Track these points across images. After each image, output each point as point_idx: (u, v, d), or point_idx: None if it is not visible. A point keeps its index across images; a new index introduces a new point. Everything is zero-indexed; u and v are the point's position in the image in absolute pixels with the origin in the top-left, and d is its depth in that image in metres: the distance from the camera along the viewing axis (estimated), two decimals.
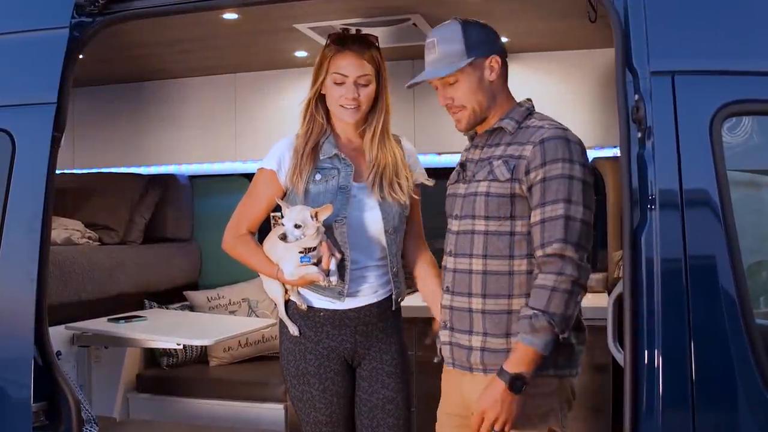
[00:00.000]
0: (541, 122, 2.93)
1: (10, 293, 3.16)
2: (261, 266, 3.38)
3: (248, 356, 5.55)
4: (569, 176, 2.80)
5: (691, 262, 2.61)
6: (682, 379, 2.60)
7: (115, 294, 5.04)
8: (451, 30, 2.97)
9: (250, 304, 5.66)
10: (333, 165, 3.30)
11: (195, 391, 5.22)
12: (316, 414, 3.31)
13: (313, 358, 3.29)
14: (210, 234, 6.05)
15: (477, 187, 2.93)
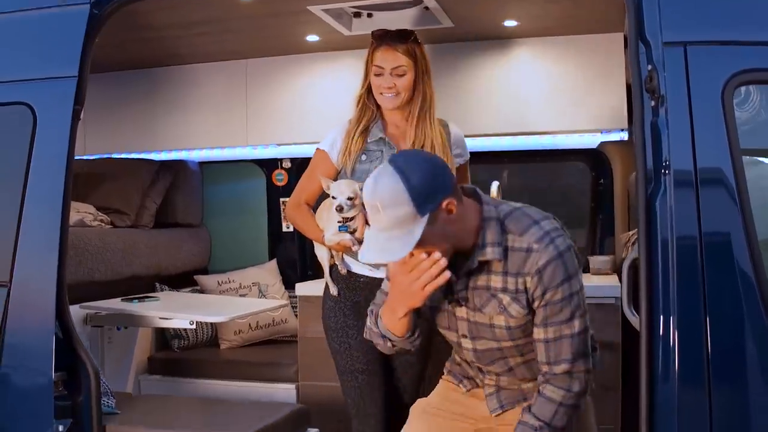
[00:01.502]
0: (522, 238, 2.79)
1: (32, 265, 3.21)
2: (311, 232, 3.75)
3: (259, 339, 5.61)
4: (570, 295, 2.78)
5: (705, 226, 2.67)
6: (697, 342, 2.64)
7: (127, 276, 5.09)
8: (393, 191, 2.64)
9: (260, 288, 5.71)
10: (378, 147, 3.68)
11: (206, 372, 5.28)
12: (353, 363, 3.64)
13: (351, 313, 3.67)
14: (220, 220, 6.14)
15: (491, 319, 2.89)
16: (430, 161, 2.76)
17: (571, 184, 5.74)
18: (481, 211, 2.81)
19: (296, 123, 5.41)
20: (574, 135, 5.32)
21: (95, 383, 3.26)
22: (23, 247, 3.21)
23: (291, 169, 5.94)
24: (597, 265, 5.12)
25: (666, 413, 2.67)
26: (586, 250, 5.51)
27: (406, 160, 2.70)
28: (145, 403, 4.26)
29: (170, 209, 5.77)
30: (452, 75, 5.06)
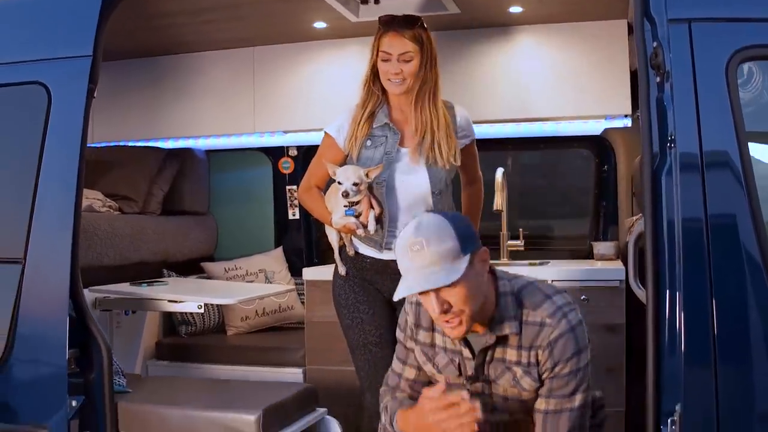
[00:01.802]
0: (536, 312, 2.87)
1: (46, 242, 3.23)
2: (320, 214, 3.91)
3: (265, 325, 5.67)
4: (577, 369, 2.85)
5: (710, 199, 2.71)
6: (703, 316, 2.67)
7: (135, 261, 5.13)
8: (439, 226, 2.74)
9: (266, 275, 5.76)
10: (383, 132, 3.77)
11: (213, 357, 5.32)
12: (365, 336, 3.76)
13: (361, 290, 3.81)
14: (226, 208, 6.18)
15: (505, 392, 2.96)
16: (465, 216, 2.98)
17: (575, 170, 5.80)
18: (496, 286, 2.89)
19: (304, 110, 5.44)
20: (578, 122, 5.35)
21: (107, 361, 3.29)
22: (37, 225, 3.24)
23: (297, 157, 6.00)
24: (601, 251, 5.16)
25: (672, 387, 2.70)
26: (590, 236, 5.56)
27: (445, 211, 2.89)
28: (155, 383, 4.32)
29: (177, 197, 5.81)
30: (458, 61, 5.10)
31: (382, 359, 3.67)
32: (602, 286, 4.56)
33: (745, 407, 2.67)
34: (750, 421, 2.67)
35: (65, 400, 3.16)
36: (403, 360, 3.14)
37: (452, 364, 2.99)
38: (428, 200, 3.73)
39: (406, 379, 3.13)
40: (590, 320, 4.31)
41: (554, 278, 4.56)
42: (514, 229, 5.43)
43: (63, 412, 3.16)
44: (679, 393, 2.66)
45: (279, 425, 3.47)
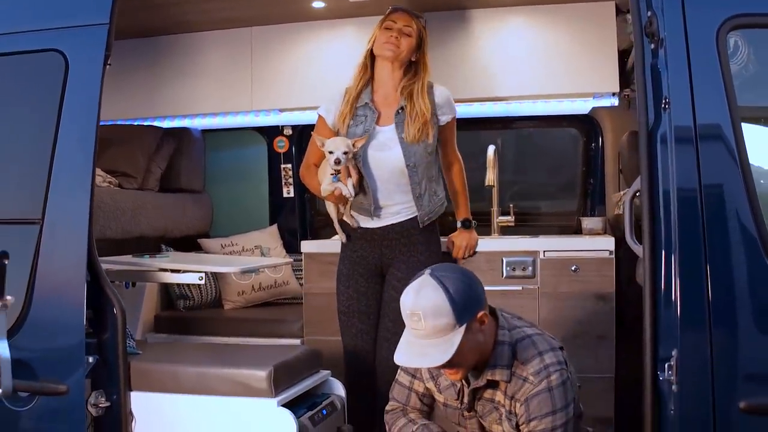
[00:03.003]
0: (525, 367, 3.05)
1: (64, 203, 3.33)
2: (315, 188, 4.32)
3: (261, 300, 5.80)
4: (552, 428, 3.00)
5: (703, 157, 2.85)
6: (697, 269, 2.82)
7: (136, 235, 5.24)
8: (436, 301, 2.91)
9: (262, 251, 5.88)
10: (364, 112, 4.18)
11: (212, 330, 5.43)
12: (339, 305, 4.30)
13: (348, 263, 4.28)
14: (222, 186, 6.30)
15: (491, 426, 3.19)
16: (467, 275, 3.05)
17: (563, 148, 5.94)
18: (496, 334, 3.08)
19: (300, 88, 5.54)
20: (567, 101, 5.50)
21: (121, 321, 3.38)
22: (55, 186, 3.32)
23: (292, 136, 6.11)
24: (589, 226, 5.30)
25: (668, 336, 2.83)
26: (578, 212, 5.71)
27: (445, 272, 2.99)
28: (163, 346, 4.44)
29: (174, 174, 5.92)
30: (448, 42, 5.21)
31: (347, 327, 4.28)
32: (592, 257, 4.70)
33: (738, 351, 2.80)
34: (743, 364, 2.80)
35: (83, 359, 3.26)
36: (412, 373, 3.32)
37: (453, 387, 3.20)
38: (404, 173, 4.13)
39: (416, 392, 3.32)
40: (581, 289, 4.52)
41: (546, 249, 4.72)
42: (504, 205, 5.58)
43: (81, 371, 3.25)
44: (675, 340, 2.80)
45: (288, 383, 3.57)
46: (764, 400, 2.77)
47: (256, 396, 3.45)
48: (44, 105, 3.40)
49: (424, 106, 4.11)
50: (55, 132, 3.36)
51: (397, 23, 4.14)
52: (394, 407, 3.34)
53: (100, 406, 3.34)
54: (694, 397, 2.78)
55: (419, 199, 4.16)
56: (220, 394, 3.50)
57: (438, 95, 4.21)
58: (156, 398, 3.54)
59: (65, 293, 3.33)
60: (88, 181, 3.33)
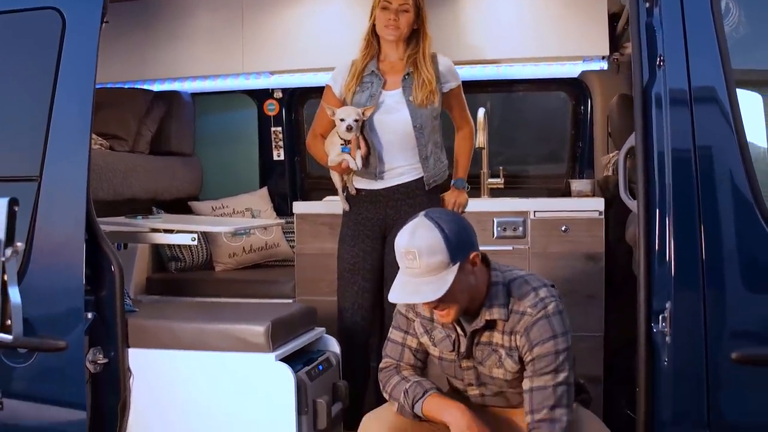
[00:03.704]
0: (521, 302, 3.12)
1: (62, 160, 3.35)
2: (321, 158, 4.40)
3: (252, 262, 5.82)
4: (555, 352, 3.06)
5: (697, 111, 2.90)
6: (691, 227, 2.87)
7: (128, 197, 5.24)
8: (430, 239, 2.97)
9: (253, 213, 5.90)
10: (370, 79, 4.29)
11: (204, 291, 5.44)
12: (343, 265, 4.34)
13: (353, 224, 4.34)
14: (212, 149, 6.30)
15: (491, 371, 3.23)
16: (461, 219, 3.15)
17: (552, 112, 5.97)
18: (489, 275, 3.14)
19: (292, 50, 5.54)
20: (556, 65, 5.54)
21: (119, 279, 3.42)
22: (53, 144, 3.35)
23: (282, 99, 6.11)
24: (578, 188, 5.35)
25: (662, 289, 2.89)
26: (567, 175, 5.75)
27: (440, 214, 3.08)
28: (160, 305, 4.48)
29: (164, 138, 5.91)
30: (438, 5, 5.20)
31: (351, 284, 4.31)
32: (582, 218, 4.76)
33: (730, 305, 2.86)
34: (735, 317, 2.87)
35: (82, 316, 3.30)
36: (404, 329, 3.36)
37: (447, 339, 3.24)
38: (411, 135, 4.23)
39: (409, 347, 3.35)
40: (571, 249, 4.58)
41: (536, 209, 4.78)
42: (494, 167, 5.62)
43: (80, 327, 3.29)
44: (668, 294, 2.85)
45: (285, 338, 3.61)
46: (756, 351, 2.83)
47: (254, 351, 3.49)
48: (42, 63, 3.41)
49: (428, 74, 4.23)
50: (52, 90, 3.38)
51: (393, 4, 4.20)
52: (388, 364, 3.37)
53: (98, 363, 3.38)
54: (687, 348, 2.84)
55: (425, 161, 4.27)
56: (217, 350, 3.54)
57: (441, 64, 4.32)
58: (154, 354, 3.57)
59: (64, 251, 3.36)
60: (85, 139, 3.35)
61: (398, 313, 3.39)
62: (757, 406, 2.88)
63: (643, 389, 2.91)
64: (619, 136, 4.46)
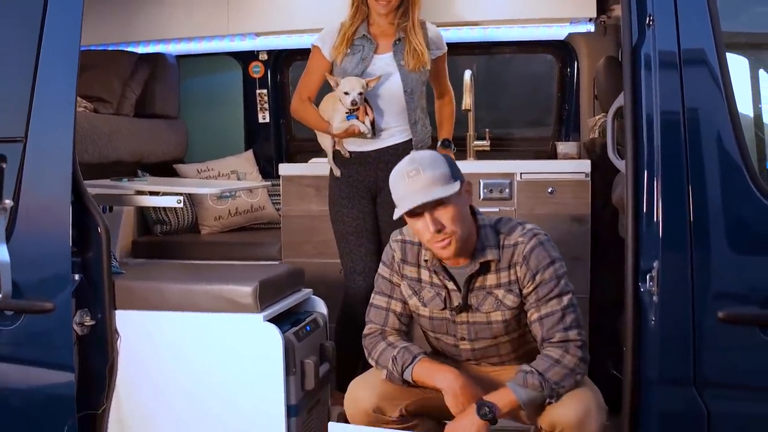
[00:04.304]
0: (510, 237, 3.20)
1: (48, 121, 3.30)
2: (316, 123, 4.40)
3: (237, 225, 5.82)
4: (556, 276, 3.16)
5: (686, 73, 2.89)
6: (679, 182, 2.87)
7: (113, 160, 5.21)
8: (432, 156, 3.10)
9: (238, 176, 5.89)
10: (361, 43, 4.28)
11: (190, 254, 5.44)
12: (345, 227, 4.34)
13: (345, 187, 4.34)
14: (196, 112, 6.27)
15: (489, 317, 3.25)
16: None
17: (539, 74, 5.98)
18: (476, 220, 3.20)
19: (278, 12, 5.54)
20: (543, 27, 5.53)
21: (106, 240, 3.40)
22: (38, 105, 3.29)
23: (267, 61, 6.09)
24: (564, 150, 5.35)
25: (650, 249, 2.89)
26: (553, 137, 5.76)
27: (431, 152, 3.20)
28: (147, 266, 4.46)
29: (149, 100, 5.88)
30: None
31: (357, 246, 4.32)
32: (568, 180, 4.77)
33: (717, 266, 2.87)
34: (722, 278, 2.88)
35: (69, 277, 3.28)
36: (388, 294, 3.37)
37: (438, 297, 3.27)
38: (401, 100, 4.28)
39: (394, 311, 3.37)
40: (557, 211, 4.61)
41: (522, 171, 4.79)
42: (480, 130, 5.61)
43: (68, 289, 3.27)
44: (656, 254, 2.86)
45: (272, 298, 3.61)
46: (742, 310, 2.85)
47: (242, 311, 3.48)
48: (26, 25, 3.35)
49: (420, 43, 4.25)
50: (37, 48, 3.33)
51: None
52: (372, 330, 3.38)
53: (85, 325, 3.37)
54: (674, 307, 2.85)
55: (414, 126, 4.32)
56: (205, 311, 3.53)
57: (430, 30, 4.35)
58: (141, 316, 3.56)
59: (50, 212, 3.32)
60: (71, 99, 3.31)
61: (380, 278, 3.40)
62: (742, 364, 2.90)
63: (630, 349, 2.92)
64: (606, 99, 4.46)
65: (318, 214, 4.87)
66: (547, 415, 3.13)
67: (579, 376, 3.15)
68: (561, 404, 3.10)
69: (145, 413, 3.57)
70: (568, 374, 3.11)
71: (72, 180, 3.30)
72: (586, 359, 3.17)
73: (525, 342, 3.31)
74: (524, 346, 3.33)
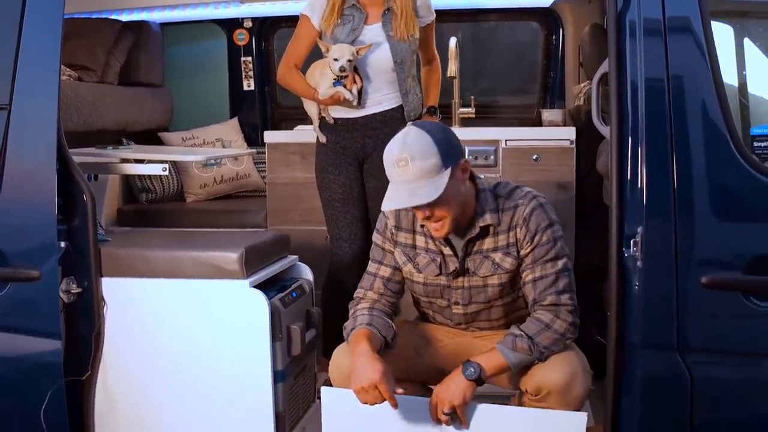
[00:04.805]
0: (510, 200, 3.20)
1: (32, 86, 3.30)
2: (303, 91, 4.35)
3: (223, 193, 5.84)
4: (554, 239, 3.17)
5: (671, 40, 2.90)
6: (663, 149, 2.88)
7: (98, 128, 5.19)
8: (422, 143, 2.99)
9: (223, 143, 5.89)
10: (351, 12, 4.25)
11: (175, 222, 5.45)
12: (331, 194, 4.34)
13: (332, 154, 4.34)
14: (181, 80, 6.25)
15: (485, 281, 3.25)
16: (447, 128, 3.16)
17: (524, 42, 6.00)
18: (476, 184, 3.19)
19: None
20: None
21: (92, 208, 3.39)
22: (22, 73, 3.29)
23: (252, 28, 6.07)
24: (549, 117, 5.36)
25: (634, 215, 2.91)
26: (538, 105, 5.77)
27: (429, 124, 3.12)
28: (133, 234, 4.43)
29: (133, 68, 5.84)
30: None
31: (343, 214, 4.33)
32: (553, 147, 4.79)
33: (701, 233, 2.89)
34: (706, 244, 2.90)
35: (55, 245, 3.29)
36: (379, 260, 3.37)
37: (433, 263, 3.26)
38: (391, 71, 4.27)
39: (381, 277, 3.36)
40: (542, 178, 4.62)
41: (508, 138, 4.80)
42: (465, 97, 5.62)
43: (54, 257, 3.27)
44: (640, 219, 2.88)
45: (258, 264, 3.61)
46: (725, 276, 2.87)
47: (228, 278, 3.49)
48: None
49: (409, 11, 4.23)
50: (21, 16, 3.31)
51: None
52: (356, 295, 3.39)
53: (72, 293, 3.37)
54: (657, 273, 2.87)
55: (405, 96, 4.32)
56: (191, 277, 3.53)
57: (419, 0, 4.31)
58: (127, 283, 3.56)
59: (36, 180, 3.32)
60: (55, 65, 3.29)
61: (374, 245, 3.41)
62: (725, 330, 2.94)
63: (614, 314, 2.94)
64: (591, 66, 4.47)
65: (303, 182, 4.87)
66: (533, 379, 3.16)
67: (568, 341, 3.18)
68: (547, 368, 3.13)
69: (132, 380, 3.58)
70: (558, 339, 3.13)
71: (57, 148, 3.29)
72: (577, 324, 3.19)
73: (517, 308, 3.33)
74: (515, 312, 3.34)
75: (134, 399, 3.59)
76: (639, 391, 2.92)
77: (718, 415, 2.94)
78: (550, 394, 3.12)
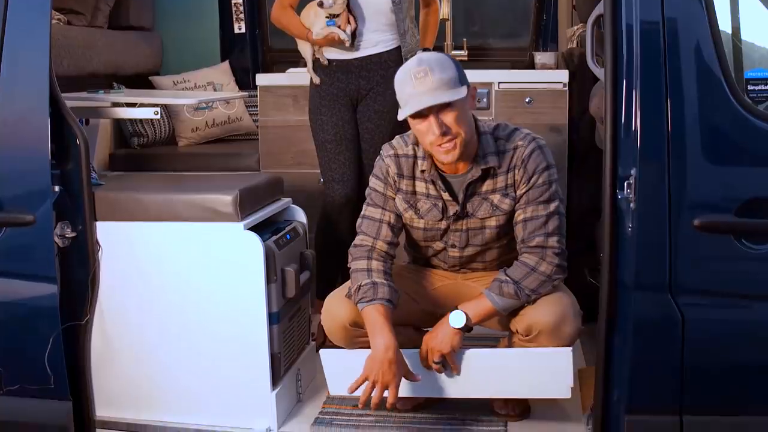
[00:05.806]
0: (509, 142, 3.26)
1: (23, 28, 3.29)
2: (297, 31, 4.32)
3: (215, 137, 5.82)
4: (549, 182, 3.23)
5: None
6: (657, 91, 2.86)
7: (89, 72, 5.17)
8: (439, 58, 3.09)
9: (215, 87, 5.86)
10: None
11: (168, 166, 5.42)
12: (324, 135, 4.31)
13: (326, 95, 4.30)
14: (171, 24, 6.19)
15: (483, 222, 3.31)
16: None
17: None
18: (477, 127, 3.22)
19: None
20: None
21: (85, 151, 3.39)
22: (12, 17, 3.27)
23: None
24: (543, 60, 5.35)
25: (628, 157, 2.91)
26: (531, 48, 5.75)
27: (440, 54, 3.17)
28: (126, 177, 4.44)
29: (123, 12, 5.80)
30: None
31: (337, 154, 4.31)
32: (546, 89, 4.79)
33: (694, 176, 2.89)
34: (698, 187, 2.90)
35: (49, 189, 3.29)
36: (381, 206, 3.40)
37: (435, 208, 3.31)
38: (389, 12, 4.24)
39: (388, 223, 3.39)
40: (534, 120, 4.62)
41: (501, 80, 4.79)
42: (457, 40, 5.60)
43: (48, 201, 3.28)
44: (634, 162, 2.89)
45: (252, 207, 3.61)
46: (717, 218, 2.88)
47: (223, 220, 3.49)
48: None
49: None
50: None
51: None
52: (362, 242, 3.40)
53: (66, 237, 3.37)
54: (651, 214, 2.87)
55: (403, 37, 4.29)
56: (185, 220, 3.53)
57: None
58: (122, 227, 3.56)
59: (28, 124, 3.32)
60: (46, 9, 3.29)
61: (373, 191, 3.42)
62: (717, 271, 2.96)
63: (607, 255, 2.96)
64: (584, 9, 4.44)
65: (296, 124, 4.87)
66: (524, 320, 3.21)
67: (555, 282, 3.24)
68: (537, 308, 3.18)
69: (128, 323, 3.60)
70: (544, 281, 3.19)
71: (49, 92, 3.28)
72: (563, 267, 3.23)
73: (511, 249, 3.37)
74: (509, 254, 3.38)
75: (130, 342, 3.61)
76: (631, 331, 2.95)
77: (709, 355, 2.96)
78: (541, 334, 3.17)
